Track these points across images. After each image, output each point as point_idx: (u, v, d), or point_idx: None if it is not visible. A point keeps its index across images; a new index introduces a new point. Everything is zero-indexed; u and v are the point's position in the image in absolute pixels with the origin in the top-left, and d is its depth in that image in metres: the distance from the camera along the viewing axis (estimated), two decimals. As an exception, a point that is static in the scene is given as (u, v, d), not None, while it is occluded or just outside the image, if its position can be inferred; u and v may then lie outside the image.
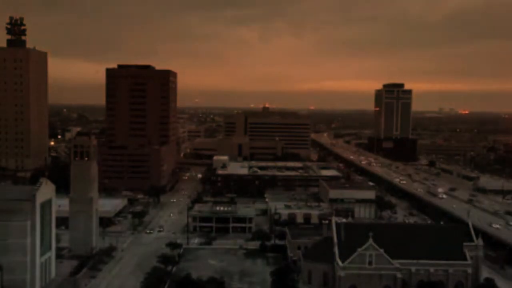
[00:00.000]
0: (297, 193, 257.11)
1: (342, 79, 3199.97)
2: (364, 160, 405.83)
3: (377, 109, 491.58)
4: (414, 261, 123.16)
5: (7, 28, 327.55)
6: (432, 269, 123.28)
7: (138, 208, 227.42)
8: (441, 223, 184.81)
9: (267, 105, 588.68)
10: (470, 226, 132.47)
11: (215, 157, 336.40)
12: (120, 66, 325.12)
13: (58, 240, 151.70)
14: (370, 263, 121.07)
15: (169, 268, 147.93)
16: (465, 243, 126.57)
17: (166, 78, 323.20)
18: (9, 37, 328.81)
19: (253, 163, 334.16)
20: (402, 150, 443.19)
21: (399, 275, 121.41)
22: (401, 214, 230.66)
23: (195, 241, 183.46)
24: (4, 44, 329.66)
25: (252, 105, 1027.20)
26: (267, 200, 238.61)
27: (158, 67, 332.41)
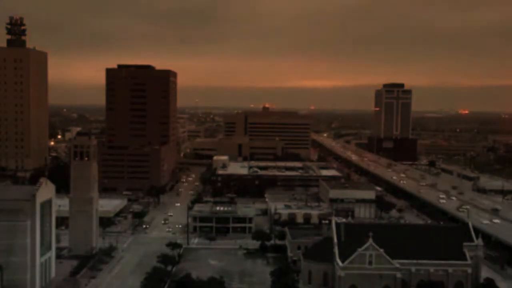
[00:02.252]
0: (297, 193, 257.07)
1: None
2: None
3: (377, 109, 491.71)
4: (414, 261, 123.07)
5: (7, 28, 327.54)
6: (432, 269, 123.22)
7: (138, 208, 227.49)
8: (441, 223, 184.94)
9: (267, 105, 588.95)
10: (470, 226, 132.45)
11: (215, 157, 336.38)
12: (120, 66, 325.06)
13: (58, 240, 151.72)
14: (370, 263, 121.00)
15: (169, 268, 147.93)
16: (465, 243, 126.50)
17: (166, 78, 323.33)
18: (9, 37, 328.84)
19: (253, 163, 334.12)
20: (402, 150, 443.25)
21: (399, 275, 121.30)
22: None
23: (195, 241, 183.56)
24: (4, 44, 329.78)
25: (252, 105, 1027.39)
26: (267, 200, 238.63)
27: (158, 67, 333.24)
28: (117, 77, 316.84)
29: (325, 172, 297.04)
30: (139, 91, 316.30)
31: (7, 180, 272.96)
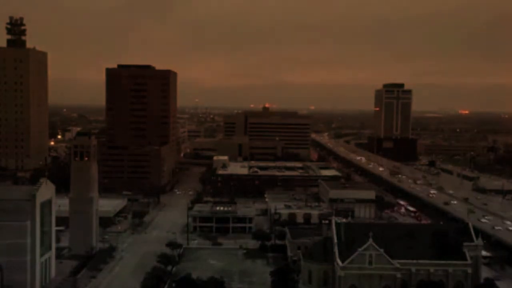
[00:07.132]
0: (297, 193, 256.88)
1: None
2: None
3: (377, 109, 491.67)
4: (414, 261, 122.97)
5: (7, 28, 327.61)
6: (432, 269, 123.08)
7: (138, 208, 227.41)
8: (441, 223, 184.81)
9: (267, 105, 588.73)
10: (470, 226, 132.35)
11: (215, 157, 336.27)
12: (120, 66, 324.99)
13: (58, 240, 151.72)
14: (370, 263, 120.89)
15: (169, 268, 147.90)
16: (465, 243, 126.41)
17: (166, 78, 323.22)
18: (9, 37, 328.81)
19: (253, 163, 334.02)
20: (402, 150, 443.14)
21: (399, 275, 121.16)
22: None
23: (195, 241, 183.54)
24: (4, 44, 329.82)
25: (252, 105, 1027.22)
26: (267, 200, 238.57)
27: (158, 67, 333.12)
28: (117, 77, 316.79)
29: (325, 172, 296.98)
30: (139, 91, 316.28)
31: (7, 180, 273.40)
